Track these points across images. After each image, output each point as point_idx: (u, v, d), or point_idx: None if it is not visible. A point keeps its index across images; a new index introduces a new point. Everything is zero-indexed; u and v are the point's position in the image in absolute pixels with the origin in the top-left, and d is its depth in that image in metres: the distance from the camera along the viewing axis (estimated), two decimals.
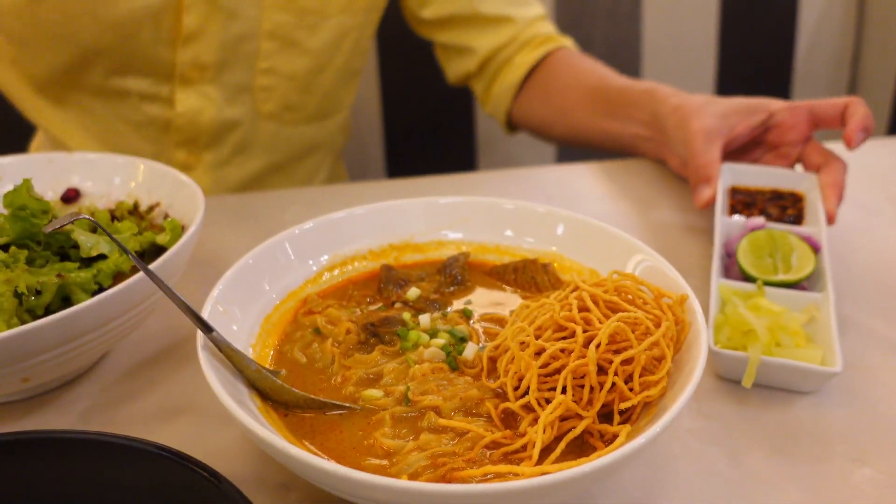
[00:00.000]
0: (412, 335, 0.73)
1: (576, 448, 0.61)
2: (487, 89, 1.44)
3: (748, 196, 1.05)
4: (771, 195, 1.05)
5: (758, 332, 0.76)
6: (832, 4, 2.09)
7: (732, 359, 0.75)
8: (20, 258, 0.73)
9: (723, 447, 0.70)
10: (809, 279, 0.88)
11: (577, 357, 0.63)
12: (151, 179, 0.94)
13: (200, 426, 0.74)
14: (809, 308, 0.83)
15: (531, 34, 1.39)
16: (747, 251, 0.90)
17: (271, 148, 1.40)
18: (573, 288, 0.70)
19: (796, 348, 0.77)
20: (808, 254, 0.89)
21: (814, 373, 0.74)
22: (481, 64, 1.42)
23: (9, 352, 0.65)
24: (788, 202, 1.04)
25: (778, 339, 0.77)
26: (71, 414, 0.76)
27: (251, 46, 1.27)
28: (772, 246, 0.91)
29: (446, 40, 1.43)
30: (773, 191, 1.06)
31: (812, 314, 0.82)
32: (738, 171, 1.07)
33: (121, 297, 0.70)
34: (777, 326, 0.78)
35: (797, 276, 0.87)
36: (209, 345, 0.64)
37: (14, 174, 0.93)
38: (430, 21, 1.41)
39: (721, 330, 0.80)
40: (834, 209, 0.98)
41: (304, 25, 1.29)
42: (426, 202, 0.89)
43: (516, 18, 1.39)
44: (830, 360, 0.75)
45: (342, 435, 0.64)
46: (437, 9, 1.39)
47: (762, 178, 1.07)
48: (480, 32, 1.40)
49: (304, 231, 0.82)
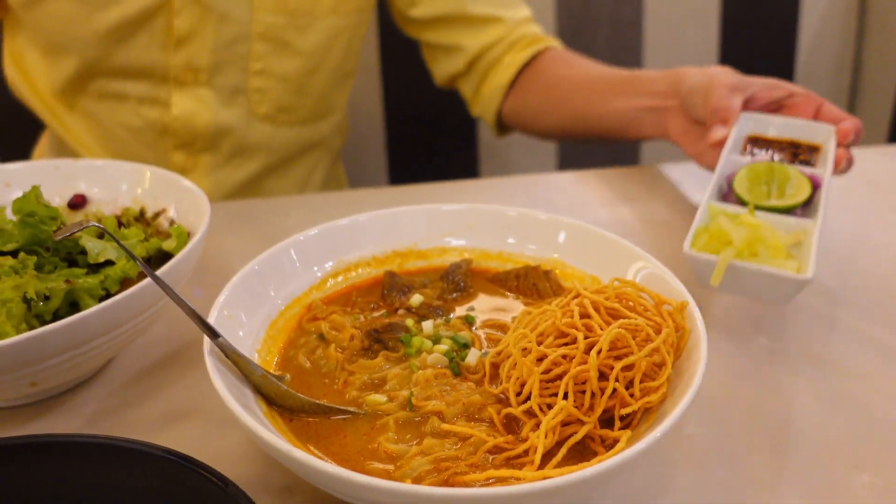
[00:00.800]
0: (415, 341, 0.74)
1: (577, 453, 0.62)
2: (477, 90, 1.44)
3: (764, 144, 1.06)
4: (789, 145, 1.05)
5: (733, 238, 0.77)
6: (833, 12, 2.10)
7: (704, 262, 0.76)
8: (29, 264, 0.74)
9: (723, 453, 0.71)
10: (805, 211, 0.88)
11: (579, 363, 0.64)
12: (157, 186, 0.95)
13: (206, 430, 0.74)
14: (797, 232, 0.83)
15: (519, 35, 1.40)
16: (744, 179, 0.91)
17: (267, 150, 1.42)
18: (575, 295, 0.71)
19: (772, 258, 0.77)
20: (805, 184, 0.89)
21: (782, 279, 0.74)
22: (469, 63, 1.42)
23: (18, 356, 0.66)
24: (804, 151, 1.04)
25: (756, 251, 0.78)
26: (78, 418, 0.77)
27: (243, 48, 1.29)
28: (769, 176, 0.91)
29: (435, 40, 1.43)
30: (792, 142, 1.05)
31: (799, 239, 0.82)
32: (760, 120, 1.08)
33: (128, 302, 0.71)
34: (757, 239, 0.78)
35: (789, 203, 0.87)
36: (216, 350, 0.65)
37: (22, 181, 0.94)
38: (419, 20, 1.42)
39: (699, 237, 0.80)
40: (843, 155, 0.98)
41: (295, 27, 1.30)
42: (429, 209, 0.89)
43: (505, 19, 1.39)
44: (804, 271, 0.75)
45: (346, 439, 0.65)
46: (426, 8, 1.40)
47: (783, 129, 1.07)
48: (469, 32, 1.40)
49: (309, 237, 0.83)
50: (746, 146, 1.06)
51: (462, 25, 1.40)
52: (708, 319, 0.70)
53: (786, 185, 0.90)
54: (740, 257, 0.77)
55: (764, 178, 0.91)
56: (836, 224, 1.14)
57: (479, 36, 1.39)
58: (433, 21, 1.41)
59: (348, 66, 1.45)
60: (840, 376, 0.81)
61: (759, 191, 0.90)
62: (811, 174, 0.93)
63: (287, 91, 1.36)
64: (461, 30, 1.40)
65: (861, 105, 2.22)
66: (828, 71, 2.18)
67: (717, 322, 0.90)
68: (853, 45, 2.16)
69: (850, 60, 2.18)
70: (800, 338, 0.87)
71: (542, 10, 1.85)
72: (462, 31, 1.40)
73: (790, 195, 0.88)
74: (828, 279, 0.98)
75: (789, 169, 0.91)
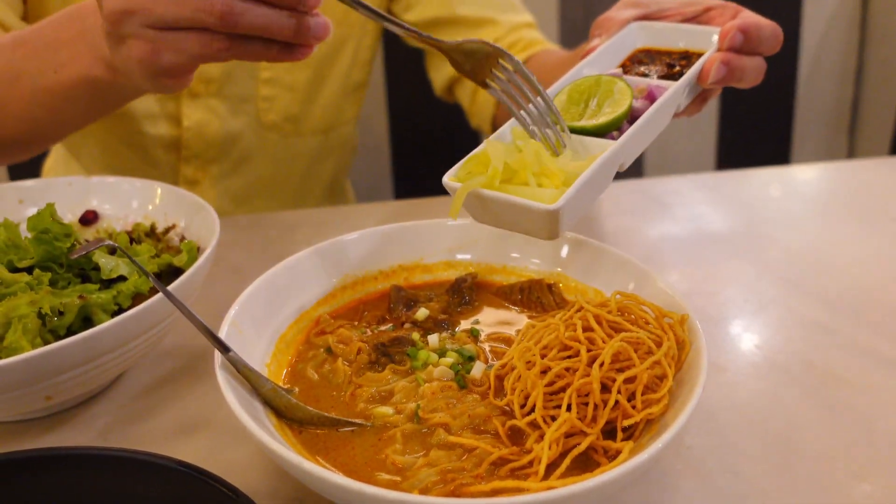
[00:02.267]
0: (422, 354, 0.75)
1: (581, 464, 0.63)
2: (473, 97, 1.43)
3: (649, 56, 0.95)
4: (680, 56, 0.94)
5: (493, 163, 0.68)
6: (834, 25, 2.11)
7: (454, 191, 0.69)
8: (44, 280, 0.76)
9: (724, 463, 0.72)
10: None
11: (582, 376, 0.65)
12: (168, 202, 0.97)
13: (216, 442, 0.76)
14: (596, 156, 0.73)
15: (515, 38, 1.39)
16: (564, 97, 0.82)
17: (274, 159, 1.43)
18: (577, 308, 0.72)
19: (536, 187, 0.68)
20: (624, 101, 0.79)
21: (527, 209, 0.66)
22: None
23: (34, 371, 0.68)
24: (695, 60, 0.91)
25: (525, 179, 0.69)
26: (91, 431, 0.78)
27: None
28: (593, 92, 0.81)
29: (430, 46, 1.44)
30: (684, 52, 0.94)
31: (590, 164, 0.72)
32: (652, 30, 0.97)
33: (140, 317, 0.73)
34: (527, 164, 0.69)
35: (595, 122, 0.77)
36: (227, 364, 0.67)
37: (36, 197, 0.97)
38: (414, 25, 1.42)
39: (465, 165, 0.71)
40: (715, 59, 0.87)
41: None
42: (435, 224, 0.91)
43: (499, 21, 1.39)
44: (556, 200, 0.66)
45: (354, 451, 0.66)
46: (418, 13, 1.41)
47: (675, 38, 0.96)
48: (462, 35, 1.38)
49: (317, 252, 0.84)
50: (628, 61, 0.95)
51: (455, 29, 1.40)
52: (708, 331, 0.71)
53: (605, 101, 0.79)
54: (495, 186, 0.67)
55: (586, 95, 0.81)
56: (837, 235, 1.15)
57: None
58: (427, 25, 1.41)
59: (356, 77, 1.47)
60: (840, 387, 0.82)
61: (574, 110, 0.80)
62: (651, 88, 0.83)
63: (294, 100, 1.38)
64: (454, 33, 1.39)
65: (863, 117, 2.23)
66: (830, 84, 2.19)
67: (718, 335, 0.91)
68: (855, 58, 2.18)
69: (852, 73, 2.19)
70: (800, 349, 0.88)
71: (545, 20, 1.86)
72: (455, 35, 1.38)
73: (606, 113, 0.77)
74: (828, 289, 1.00)
75: (617, 83, 0.81)
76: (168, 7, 0.72)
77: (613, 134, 0.78)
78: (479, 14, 1.39)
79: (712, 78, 0.86)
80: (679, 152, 2.17)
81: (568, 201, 0.66)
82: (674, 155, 2.17)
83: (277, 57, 0.77)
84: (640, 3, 1.00)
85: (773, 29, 0.90)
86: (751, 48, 0.89)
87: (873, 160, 1.46)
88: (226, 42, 0.73)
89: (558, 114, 0.74)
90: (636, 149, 0.79)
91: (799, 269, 1.05)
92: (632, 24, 0.97)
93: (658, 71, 0.91)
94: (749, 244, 1.13)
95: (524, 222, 0.68)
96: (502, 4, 1.41)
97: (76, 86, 0.91)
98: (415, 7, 1.41)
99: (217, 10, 0.70)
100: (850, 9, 2.12)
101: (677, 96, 0.84)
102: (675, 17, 0.98)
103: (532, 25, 1.44)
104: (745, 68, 0.88)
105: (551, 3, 1.93)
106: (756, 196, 1.30)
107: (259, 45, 0.75)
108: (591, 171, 0.69)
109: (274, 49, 0.76)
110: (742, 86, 0.91)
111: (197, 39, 0.73)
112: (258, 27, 0.73)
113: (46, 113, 0.96)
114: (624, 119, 0.78)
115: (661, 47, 0.95)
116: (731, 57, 0.87)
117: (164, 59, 0.76)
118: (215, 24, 0.71)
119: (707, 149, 2.19)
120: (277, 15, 0.73)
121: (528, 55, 1.37)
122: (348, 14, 1.35)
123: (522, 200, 0.66)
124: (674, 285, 0.76)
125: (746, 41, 0.88)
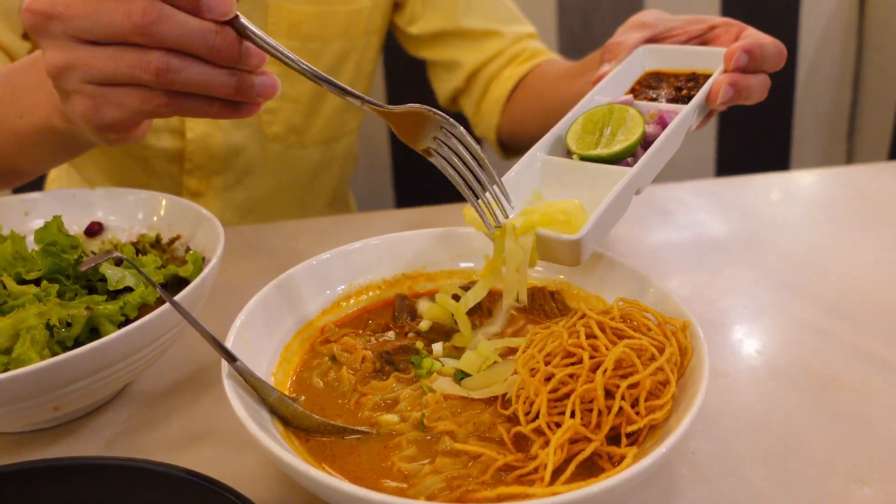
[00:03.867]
0: (426, 363, 0.76)
1: (585, 469, 0.64)
2: (477, 106, 1.44)
3: (657, 79, 0.97)
4: (687, 78, 0.96)
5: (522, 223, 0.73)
6: (832, 30, 2.12)
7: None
8: (52, 292, 0.77)
9: (727, 467, 0.73)
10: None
11: (585, 382, 0.66)
12: (173, 213, 0.97)
13: (223, 451, 0.76)
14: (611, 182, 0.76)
15: (519, 49, 1.40)
16: (579, 127, 0.84)
17: (277, 170, 1.44)
18: (580, 315, 0.73)
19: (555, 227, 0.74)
20: (636, 129, 0.81)
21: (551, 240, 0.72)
22: (468, 78, 1.43)
23: (42, 382, 0.68)
24: (703, 81, 0.93)
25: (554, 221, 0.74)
26: (98, 441, 0.78)
27: None
28: (607, 120, 0.84)
29: (435, 56, 1.45)
30: (692, 73, 0.97)
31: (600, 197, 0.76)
32: (659, 53, 1.00)
33: (147, 328, 0.73)
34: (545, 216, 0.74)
35: (610, 151, 0.80)
36: (233, 373, 0.67)
37: (42, 209, 0.97)
38: (419, 37, 1.44)
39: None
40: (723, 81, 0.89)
41: (307, 50, 1.33)
42: (438, 232, 0.92)
43: (503, 33, 1.40)
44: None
45: (361, 458, 0.67)
46: (423, 25, 1.42)
47: (682, 60, 0.98)
48: (467, 46, 1.41)
49: (321, 262, 0.85)
50: (638, 84, 0.98)
51: (459, 40, 1.41)
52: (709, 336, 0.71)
53: (618, 129, 0.82)
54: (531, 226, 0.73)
55: (600, 124, 0.84)
56: (837, 240, 1.16)
57: (477, 51, 1.40)
58: (431, 37, 1.43)
59: (358, 89, 1.48)
60: (840, 391, 0.82)
61: (590, 139, 0.82)
62: (662, 114, 0.85)
63: (297, 112, 1.39)
64: (459, 45, 1.41)
65: (861, 123, 2.24)
66: (828, 90, 2.20)
67: (719, 340, 0.92)
68: (852, 63, 2.19)
69: (849, 79, 2.20)
70: (800, 353, 0.89)
71: (544, 29, 1.87)
72: (460, 46, 1.41)
73: (619, 141, 0.80)
74: (828, 295, 1.00)
75: (630, 111, 0.83)
76: (106, 62, 0.70)
77: (629, 161, 0.81)
78: (483, 26, 1.40)
79: (720, 99, 0.89)
80: (679, 160, 2.18)
81: (589, 231, 0.71)
82: (674, 162, 2.17)
83: (220, 114, 0.75)
84: (646, 25, 1.01)
85: (777, 46, 0.92)
86: (755, 67, 0.91)
87: (872, 165, 1.47)
88: (164, 98, 0.72)
89: (501, 184, 0.76)
90: (651, 173, 0.82)
91: (798, 275, 1.06)
92: (639, 49, 0.99)
93: (667, 94, 0.93)
94: (749, 250, 1.14)
95: (550, 251, 0.74)
96: (506, 16, 1.42)
97: (40, 132, 0.90)
98: (419, 20, 1.42)
99: (153, 67, 0.69)
100: (847, 15, 2.13)
101: (688, 119, 0.87)
102: (680, 36, 1.00)
103: (535, 36, 1.45)
104: (752, 87, 0.90)
105: (550, 12, 1.94)
106: (756, 202, 1.31)
107: (202, 101, 0.74)
108: (610, 200, 0.74)
109: (216, 106, 0.74)
110: (748, 103, 0.93)
111: (137, 95, 0.72)
112: (196, 84, 0.71)
113: (18, 153, 0.95)
114: (637, 145, 0.81)
115: (669, 70, 0.98)
116: (738, 77, 0.89)
117: (106, 115, 0.74)
118: (151, 80, 0.70)
119: (707, 156, 2.20)
120: (217, 73, 0.71)
121: (532, 65, 1.39)
122: (350, 27, 1.36)
123: (551, 233, 0.72)
124: (675, 291, 0.77)
125: (751, 61, 0.90)
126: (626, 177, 0.77)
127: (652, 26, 1.01)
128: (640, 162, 0.78)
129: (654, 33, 1.01)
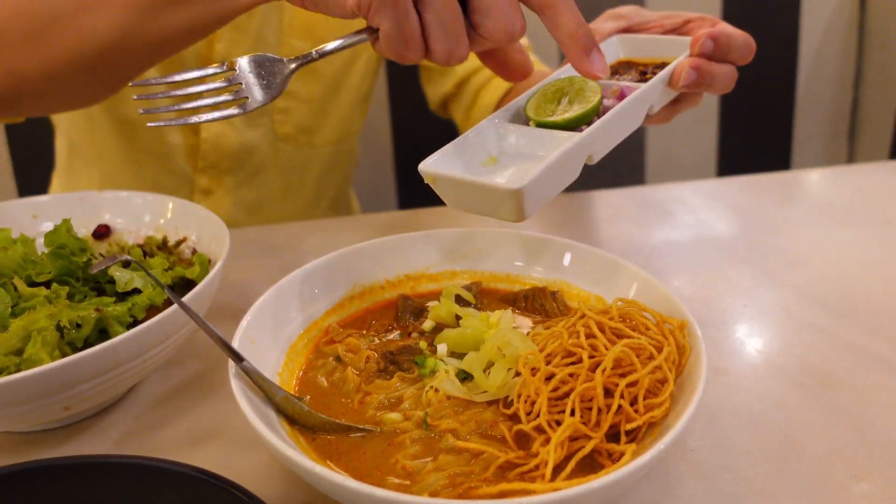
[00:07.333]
0: (429, 362, 0.77)
1: (585, 466, 0.65)
2: (467, 113, 1.45)
3: (628, 68, 0.97)
4: (656, 66, 0.96)
5: None
6: (833, 30, 2.13)
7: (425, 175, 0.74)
8: (62, 294, 0.78)
9: (726, 465, 0.74)
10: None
11: (585, 381, 0.67)
12: (179, 216, 0.99)
13: (230, 450, 0.77)
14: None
15: None
16: (540, 97, 0.85)
17: (287, 170, 1.46)
18: (580, 315, 0.74)
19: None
20: (593, 97, 0.81)
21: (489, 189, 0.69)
22: (458, 84, 1.43)
23: (53, 382, 0.69)
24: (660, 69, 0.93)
25: None
26: (107, 440, 0.80)
27: None
28: (566, 91, 0.84)
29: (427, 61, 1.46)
30: (662, 62, 0.96)
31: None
32: (633, 42, 1.00)
33: (156, 329, 0.75)
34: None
35: (564, 117, 0.80)
36: (240, 373, 0.68)
37: (50, 212, 0.99)
38: None
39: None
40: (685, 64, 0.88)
41: None
42: (440, 233, 0.93)
43: None
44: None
45: (365, 456, 0.68)
46: None
47: (655, 50, 0.98)
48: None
49: (325, 263, 0.86)
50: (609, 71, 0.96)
51: None
52: (710, 335, 0.72)
53: (576, 99, 0.82)
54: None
55: (559, 94, 0.84)
56: (837, 239, 1.17)
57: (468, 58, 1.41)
58: None
59: (365, 88, 1.50)
60: (839, 389, 0.83)
61: (549, 107, 0.82)
62: (624, 87, 0.85)
63: (309, 112, 1.41)
64: None
65: (863, 122, 2.24)
66: (829, 89, 2.20)
67: (719, 339, 0.93)
68: (854, 62, 2.19)
69: (850, 78, 2.21)
70: (799, 352, 0.90)
71: (544, 37, 1.88)
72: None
73: (575, 109, 0.80)
74: (828, 293, 1.01)
75: (588, 83, 0.83)
76: None
77: (582, 128, 0.80)
78: None
79: (682, 82, 0.88)
80: (680, 159, 2.19)
81: (532, 182, 0.68)
82: (675, 162, 2.19)
83: None
84: (622, 16, 1.02)
85: (745, 39, 0.92)
86: (721, 55, 0.91)
87: (873, 164, 1.48)
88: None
89: None
90: (606, 142, 0.81)
91: (799, 274, 1.07)
92: (613, 38, 0.99)
93: (633, 78, 0.93)
94: (749, 249, 1.14)
95: (492, 204, 0.71)
96: None
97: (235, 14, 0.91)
98: None
99: None
100: (848, 14, 2.14)
101: (648, 94, 0.86)
102: (656, 29, 1.01)
103: (527, 48, 1.46)
104: (715, 74, 0.90)
105: None
106: (757, 202, 1.32)
107: None
108: (557, 157, 0.72)
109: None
110: (712, 91, 0.93)
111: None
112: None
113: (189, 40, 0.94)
114: (593, 114, 0.80)
115: (641, 59, 0.98)
116: (702, 62, 0.89)
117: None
118: None
119: (708, 156, 2.21)
120: None
121: None
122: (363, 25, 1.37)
123: (489, 181, 0.69)
124: (675, 291, 0.78)
125: (717, 48, 0.90)
126: (576, 137, 0.76)
127: (627, 18, 1.02)
128: (592, 126, 0.78)
129: (630, 24, 1.01)
